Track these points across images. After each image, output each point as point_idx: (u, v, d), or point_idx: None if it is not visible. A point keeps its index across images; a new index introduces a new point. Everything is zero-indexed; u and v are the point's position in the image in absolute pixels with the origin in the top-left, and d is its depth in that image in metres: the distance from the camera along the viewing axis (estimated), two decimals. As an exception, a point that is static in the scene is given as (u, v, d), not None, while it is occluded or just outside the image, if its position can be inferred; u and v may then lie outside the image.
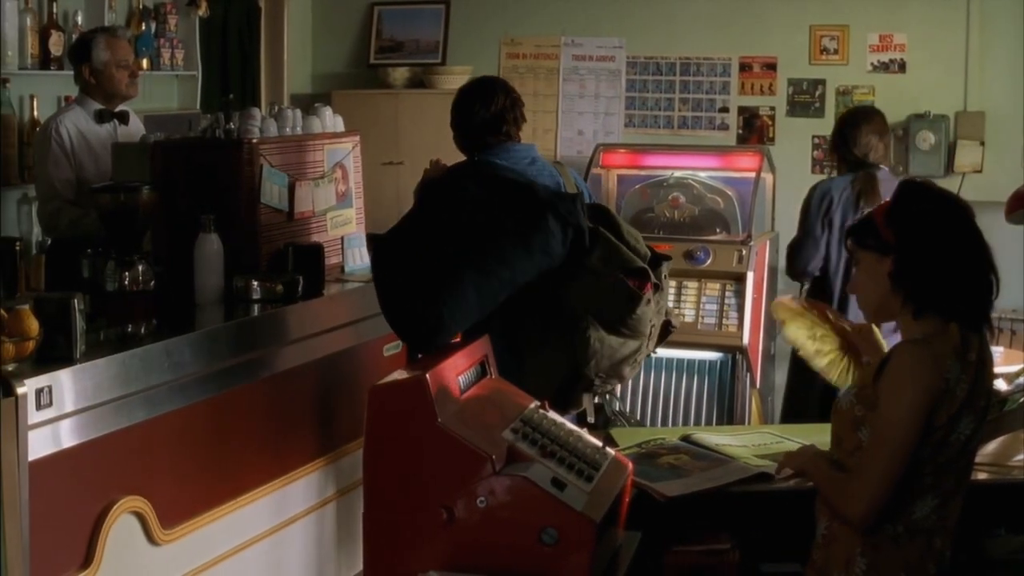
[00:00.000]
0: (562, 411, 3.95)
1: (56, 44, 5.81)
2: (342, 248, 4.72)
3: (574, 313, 3.95)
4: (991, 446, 3.53)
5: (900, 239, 2.78)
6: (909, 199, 2.85)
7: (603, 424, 4.38)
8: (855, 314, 5.31)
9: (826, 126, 7.34)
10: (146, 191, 4.05)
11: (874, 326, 3.33)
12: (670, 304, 5.97)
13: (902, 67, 7.28)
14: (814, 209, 5.50)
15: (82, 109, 5.18)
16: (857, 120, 5.55)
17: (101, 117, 5.17)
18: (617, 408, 5.01)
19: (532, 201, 3.99)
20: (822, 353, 3.53)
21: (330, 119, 4.84)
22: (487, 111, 4.26)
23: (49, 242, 5.37)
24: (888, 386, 2.74)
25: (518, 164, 4.21)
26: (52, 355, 3.22)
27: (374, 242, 4.31)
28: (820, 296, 5.35)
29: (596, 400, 4.20)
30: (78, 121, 5.11)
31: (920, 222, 2.80)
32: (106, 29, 5.45)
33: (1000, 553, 3.34)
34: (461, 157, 4.35)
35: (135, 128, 5.30)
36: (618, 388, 4.67)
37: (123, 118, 5.24)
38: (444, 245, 3.91)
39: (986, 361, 2.83)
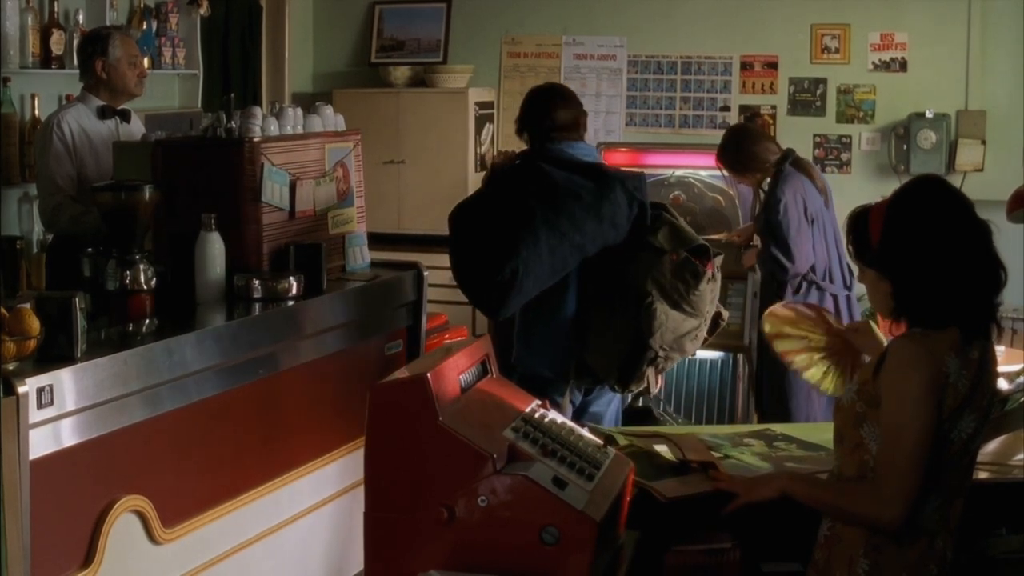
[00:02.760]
0: (624, 387, 4.37)
1: (57, 43, 5.81)
2: (343, 247, 4.71)
3: (639, 288, 4.23)
4: (992, 445, 3.53)
5: (894, 271, 2.77)
6: (900, 224, 2.78)
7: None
8: (840, 286, 5.82)
9: (827, 125, 7.36)
10: (147, 190, 4.05)
11: (872, 323, 3.34)
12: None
13: (903, 66, 7.29)
14: (794, 209, 5.79)
15: (84, 106, 5.18)
16: (749, 139, 6.04)
17: (103, 113, 5.17)
18: (662, 408, 5.26)
19: (604, 174, 4.40)
20: (813, 363, 3.54)
21: (331, 118, 4.84)
22: (567, 113, 4.62)
23: (50, 239, 5.37)
24: (889, 380, 2.74)
25: (587, 156, 4.59)
26: (53, 354, 3.22)
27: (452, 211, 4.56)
28: (812, 275, 5.85)
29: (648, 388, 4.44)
30: (80, 118, 5.11)
31: (913, 252, 2.76)
32: (119, 27, 5.51)
33: (1002, 553, 3.33)
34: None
35: (136, 127, 5.30)
36: (660, 390, 4.88)
37: (125, 116, 5.25)
38: (522, 205, 4.28)
39: (989, 360, 2.83)
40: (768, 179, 5.93)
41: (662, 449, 3.42)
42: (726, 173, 6.16)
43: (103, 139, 5.10)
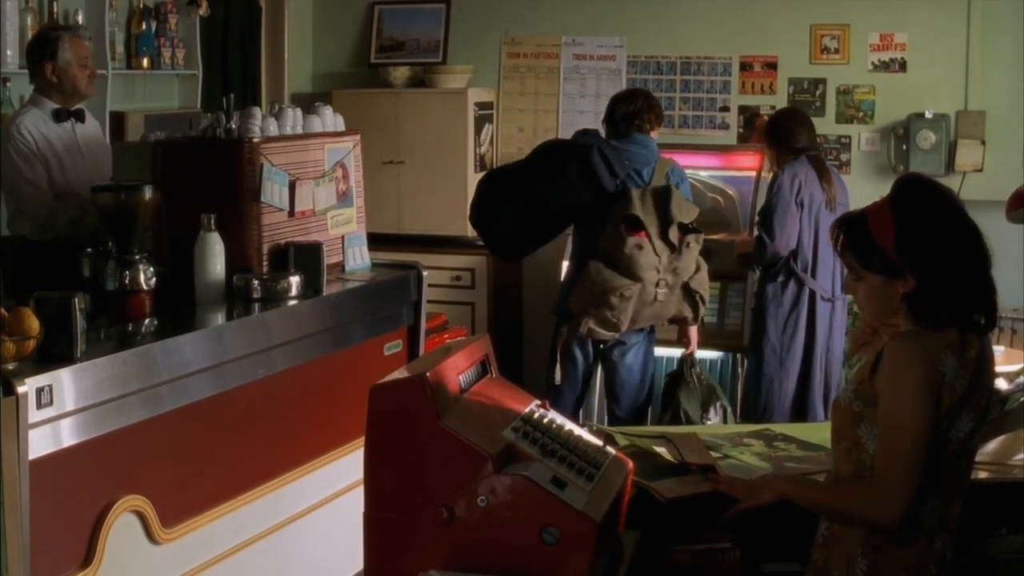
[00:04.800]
0: (559, 323, 5.66)
1: (57, 43, 5.79)
2: (343, 247, 4.72)
3: (587, 248, 5.43)
4: (992, 445, 3.53)
5: (918, 268, 2.74)
6: (915, 221, 2.78)
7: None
8: (826, 283, 5.92)
9: (827, 125, 7.35)
10: (147, 190, 4.05)
11: None
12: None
13: (903, 66, 7.28)
14: (787, 190, 5.86)
15: (39, 110, 5.10)
16: (797, 119, 6.13)
17: (59, 116, 5.09)
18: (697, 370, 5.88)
19: (584, 147, 5.48)
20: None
21: (331, 118, 4.84)
22: (625, 109, 5.61)
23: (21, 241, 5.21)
24: (886, 380, 2.74)
25: (629, 145, 5.54)
26: (53, 354, 3.23)
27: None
28: (792, 264, 5.93)
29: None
30: (37, 123, 5.04)
31: (934, 250, 2.75)
32: (68, 28, 5.39)
33: (1002, 553, 3.33)
34: None
35: (92, 127, 5.26)
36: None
37: (79, 116, 5.18)
38: (520, 172, 5.50)
39: (987, 360, 2.83)
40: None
41: (661, 450, 3.42)
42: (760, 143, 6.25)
43: (63, 143, 5.05)
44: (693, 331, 5.78)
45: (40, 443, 3.11)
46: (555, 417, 3.13)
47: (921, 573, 2.80)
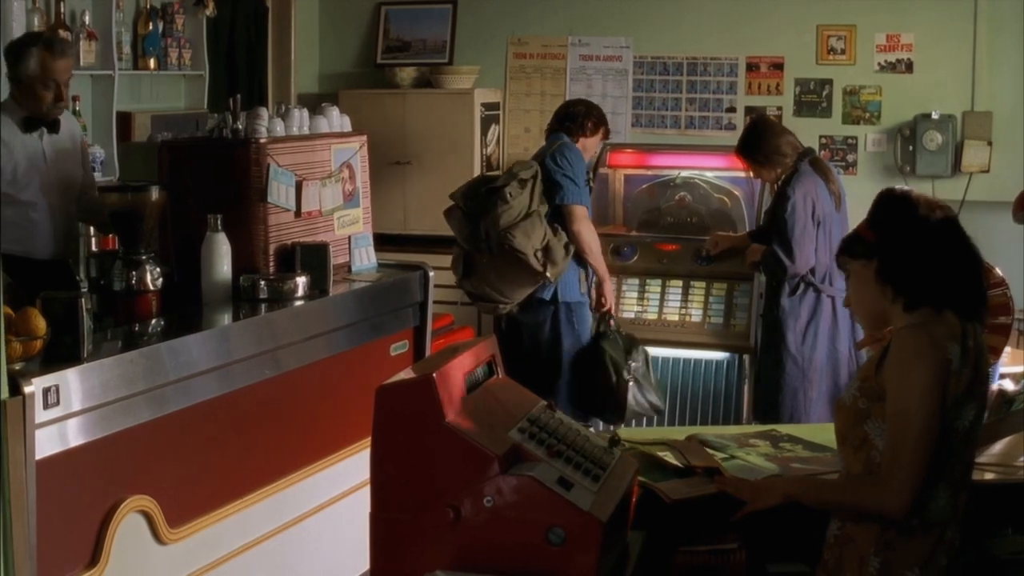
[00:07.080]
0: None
1: (63, 44, 5.78)
2: (349, 247, 4.72)
3: None
4: (998, 446, 3.53)
5: (882, 238, 2.83)
6: (887, 204, 2.89)
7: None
8: (841, 285, 5.66)
9: (833, 126, 7.36)
10: (154, 191, 4.06)
11: None
12: (676, 303, 6.58)
13: (909, 67, 7.28)
14: (802, 211, 5.74)
15: (7, 115, 4.57)
16: (772, 131, 5.99)
17: (28, 125, 4.60)
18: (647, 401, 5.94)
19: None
20: None
21: (337, 119, 4.84)
22: (565, 111, 6.17)
23: None
24: (893, 372, 2.75)
25: (544, 146, 6.12)
26: (59, 354, 3.23)
27: None
28: (810, 277, 5.82)
29: None
30: (2, 128, 4.54)
31: (899, 220, 2.83)
32: (48, 41, 4.65)
33: (1007, 553, 3.33)
34: None
35: (68, 132, 4.77)
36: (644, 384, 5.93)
37: (53, 126, 4.65)
38: None
39: (983, 348, 2.85)
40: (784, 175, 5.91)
41: (665, 454, 3.42)
42: (747, 170, 6.09)
43: (27, 154, 4.61)
44: (604, 289, 6.00)
45: (47, 443, 3.11)
46: (562, 418, 3.13)
47: (933, 564, 2.81)
